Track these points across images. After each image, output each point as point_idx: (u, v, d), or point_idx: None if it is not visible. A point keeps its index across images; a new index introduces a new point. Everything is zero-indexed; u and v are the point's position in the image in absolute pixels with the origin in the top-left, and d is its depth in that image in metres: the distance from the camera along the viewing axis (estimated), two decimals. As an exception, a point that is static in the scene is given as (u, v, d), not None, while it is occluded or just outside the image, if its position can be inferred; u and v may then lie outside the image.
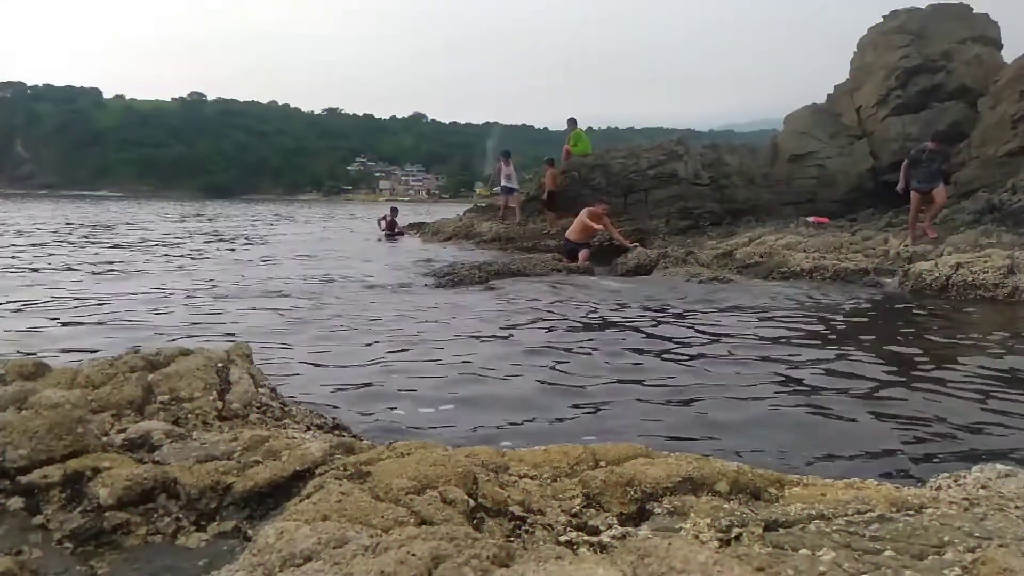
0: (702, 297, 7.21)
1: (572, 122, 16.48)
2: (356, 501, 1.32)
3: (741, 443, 2.97)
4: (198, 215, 31.18)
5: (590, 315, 6.21)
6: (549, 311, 6.40)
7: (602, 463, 1.67)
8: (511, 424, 3.23)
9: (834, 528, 1.31)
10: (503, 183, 15.74)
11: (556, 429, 3.14)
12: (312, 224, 26.09)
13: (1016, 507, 1.41)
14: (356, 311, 6.26)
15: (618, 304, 6.78)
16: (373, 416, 3.27)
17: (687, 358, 4.57)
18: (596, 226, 10.36)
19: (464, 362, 4.38)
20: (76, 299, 6.64)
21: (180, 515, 1.48)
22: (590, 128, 16.87)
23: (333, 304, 6.61)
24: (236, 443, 1.81)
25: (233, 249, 13.45)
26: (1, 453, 1.53)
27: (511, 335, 5.26)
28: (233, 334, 5.10)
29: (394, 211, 17.84)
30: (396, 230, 17.22)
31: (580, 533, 1.39)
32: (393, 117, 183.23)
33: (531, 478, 1.64)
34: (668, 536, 1.23)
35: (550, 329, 5.56)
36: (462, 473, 1.46)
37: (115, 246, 13.23)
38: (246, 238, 16.69)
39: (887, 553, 1.19)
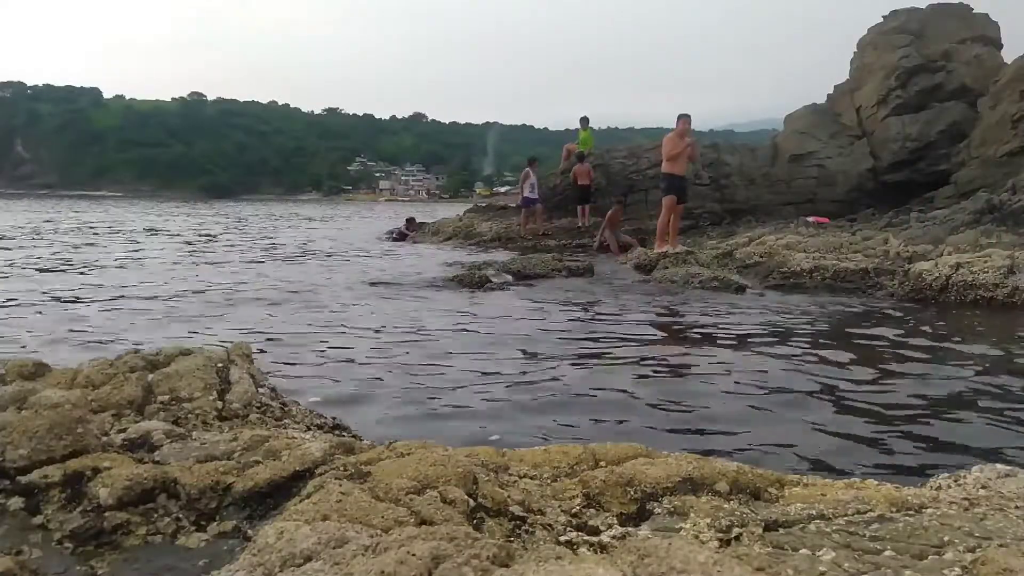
0: (700, 299, 7.21)
1: (584, 120, 16.36)
2: (356, 501, 1.32)
3: (741, 443, 2.97)
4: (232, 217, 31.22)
5: (590, 315, 6.21)
6: (550, 311, 6.40)
7: (602, 463, 1.67)
8: (511, 423, 3.23)
9: (834, 528, 1.31)
10: (527, 193, 14.30)
11: (556, 428, 3.14)
12: (314, 225, 26.13)
13: (1016, 507, 1.41)
14: (356, 312, 6.26)
15: (618, 304, 6.78)
16: (373, 416, 3.27)
17: (686, 358, 4.57)
18: (683, 145, 9.70)
19: (464, 362, 4.38)
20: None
21: (180, 515, 1.48)
22: (590, 128, 16.75)
23: (332, 305, 6.61)
24: (236, 443, 1.81)
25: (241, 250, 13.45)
26: (1, 453, 1.53)
27: (511, 335, 5.26)
28: (230, 334, 5.10)
29: (410, 221, 17.48)
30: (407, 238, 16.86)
31: (580, 533, 1.39)
32: (393, 117, 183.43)
33: (531, 478, 1.64)
34: (668, 536, 1.23)
35: (551, 329, 5.56)
36: (462, 473, 1.46)
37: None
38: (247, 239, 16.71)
39: (887, 553, 1.19)
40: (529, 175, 14.40)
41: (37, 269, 9.28)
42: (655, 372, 4.20)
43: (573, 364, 4.37)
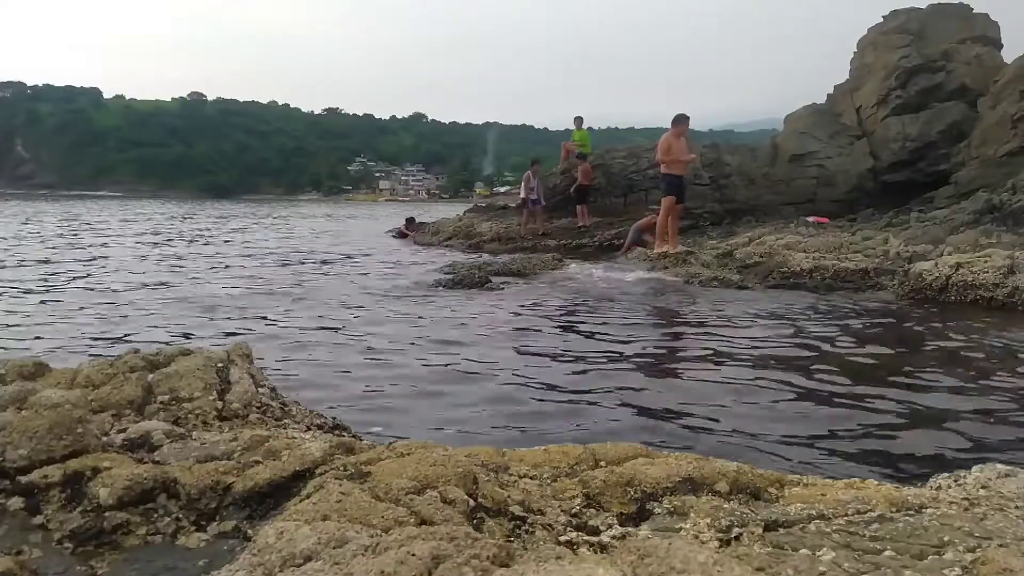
0: (700, 299, 7.21)
1: (579, 120, 16.35)
2: (356, 501, 1.32)
3: (741, 443, 2.97)
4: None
5: (589, 315, 6.21)
6: (549, 311, 6.40)
7: (602, 463, 1.67)
8: (510, 424, 3.23)
9: (834, 528, 1.31)
10: (530, 195, 14.41)
11: (556, 429, 3.14)
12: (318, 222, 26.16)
13: (1016, 507, 1.41)
14: (356, 313, 6.26)
15: (617, 304, 6.78)
16: (373, 416, 3.27)
17: (685, 359, 4.57)
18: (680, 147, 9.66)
19: (464, 362, 4.38)
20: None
21: (180, 515, 1.47)
22: (590, 128, 16.78)
23: (332, 305, 6.61)
24: (236, 443, 1.81)
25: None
26: (1, 453, 1.53)
27: (511, 335, 5.26)
28: (232, 333, 5.10)
29: (410, 221, 18.13)
30: (406, 237, 17.40)
31: (580, 533, 1.39)
32: (393, 117, 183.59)
33: (531, 478, 1.64)
34: (668, 536, 1.23)
35: (550, 329, 5.55)
36: (462, 473, 1.46)
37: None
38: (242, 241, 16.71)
39: (887, 553, 1.19)
40: (530, 177, 14.48)
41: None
42: (654, 372, 4.20)
43: (571, 363, 4.37)
